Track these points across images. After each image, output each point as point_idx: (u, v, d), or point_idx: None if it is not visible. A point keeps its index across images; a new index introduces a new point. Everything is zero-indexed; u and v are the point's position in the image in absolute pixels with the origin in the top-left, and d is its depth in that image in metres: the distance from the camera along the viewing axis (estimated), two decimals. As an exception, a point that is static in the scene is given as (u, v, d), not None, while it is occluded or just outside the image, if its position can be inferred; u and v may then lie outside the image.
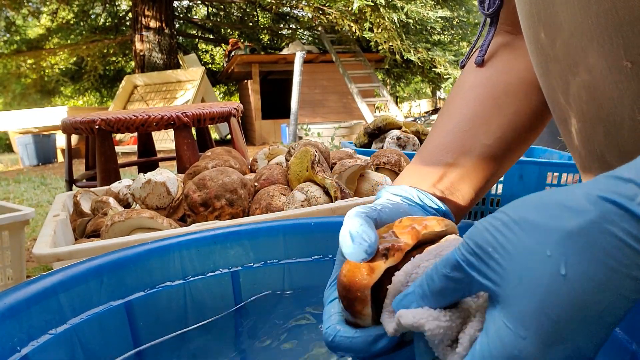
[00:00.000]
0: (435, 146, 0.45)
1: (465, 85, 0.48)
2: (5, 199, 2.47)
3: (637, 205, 0.18)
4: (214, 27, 9.24)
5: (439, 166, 0.43)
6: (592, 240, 0.19)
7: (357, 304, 0.29)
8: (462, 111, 0.45)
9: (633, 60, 0.30)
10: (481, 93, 0.46)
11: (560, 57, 0.35)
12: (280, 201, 0.83)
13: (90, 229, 0.87)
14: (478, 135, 0.44)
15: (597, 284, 0.19)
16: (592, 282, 0.19)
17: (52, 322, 0.38)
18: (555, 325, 0.20)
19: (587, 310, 0.19)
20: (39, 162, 4.83)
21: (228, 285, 0.51)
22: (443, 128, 0.46)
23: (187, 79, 6.03)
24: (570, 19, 0.32)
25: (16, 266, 0.92)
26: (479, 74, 0.47)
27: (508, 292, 0.21)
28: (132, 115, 1.36)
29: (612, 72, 0.31)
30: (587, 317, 0.19)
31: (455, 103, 0.47)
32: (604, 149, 0.36)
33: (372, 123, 1.48)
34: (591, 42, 0.32)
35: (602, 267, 0.19)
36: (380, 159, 1.05)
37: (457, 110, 0.46)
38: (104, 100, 9.81)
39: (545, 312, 0.20)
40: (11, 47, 8.05)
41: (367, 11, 5.21)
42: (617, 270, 0.19)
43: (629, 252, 0.18)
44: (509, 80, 0.46)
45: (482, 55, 0.47)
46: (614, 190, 0.19)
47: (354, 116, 6.40)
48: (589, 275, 0.19)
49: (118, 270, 0.45)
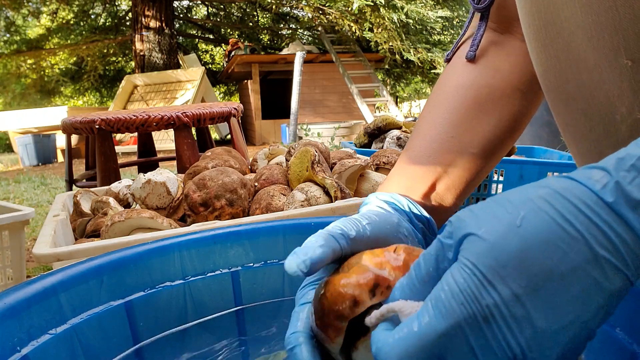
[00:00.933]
0: (423, 150, 0.44)
1: (451, 84, 0.47)
2: (5, 199, 2.47)
3: (599, 185, 0.20)
4: (214, 27, 9.24)
5: (427, 174, 0.43)
6: (551, 203, 0.21)
7: (330, 331, 0.28)
8: (447, 116, 0.45)
9: (633, 58, 0.30)
10: (466, 96, 0.45)
11: (561, 56, 0.35)
12: (280, 201, 0.83)
13: (90, 229, 0.87)
14: (464, 143, 0.44)
15: (544, 239, 0.20)
16: (540, 235, 0.21)
17: (52, 322, 0.38)
18: (500, 269, 0.21)
19: (529, 260, 0.21)
20: (39, 162, 4.83)
21: (228, 285, 0.51)
22: (428, 132, 0.45)
23: (187, 79, 6.03)
24: (571, 17, 0.32)
25: (16, 266, 0.92)
26: (465, 73, 0.47)
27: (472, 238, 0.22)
28: (132, 115, 1.36)
29: (612, 71, 0.31)
30: (530, 266, 0.21)
31: (441, 104, 0.46)
32: (603, 148, 0.36)
33: (372, 123, 1.48)
34: (591, 40, 0.32)
35: (552, 223, 0.20)
36: (380, 159, 1.05)
37: (442, 115, 0.45)
38: (104, 100, 9.81)
39: (493, 255, 0.21)
40: (11, 47, 8.05)
41: (367, 11, 5.21)
42: (567, 230, 0.20)
43: (582, 219, 0.20)
44: (494, 83, 0.45)
45: (474, 50, 0.46)
46: (583, 174, 0.21)
47: (354, 116, 6.40)
48: (539, 229, 0.21)
49: (118, 270, 0.45)
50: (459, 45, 0.50)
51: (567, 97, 0.37)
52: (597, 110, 0.35)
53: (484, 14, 0.46)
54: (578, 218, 0.20)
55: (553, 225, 0.20)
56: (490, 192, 1.20)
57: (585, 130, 0.37)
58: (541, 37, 0.36)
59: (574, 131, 0.40)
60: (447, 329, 0.21)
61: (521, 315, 0.20)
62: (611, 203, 0.20)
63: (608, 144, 0.36)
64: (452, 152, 0.43)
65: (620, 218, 0.20)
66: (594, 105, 0.35)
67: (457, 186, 0.44)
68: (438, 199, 0.43)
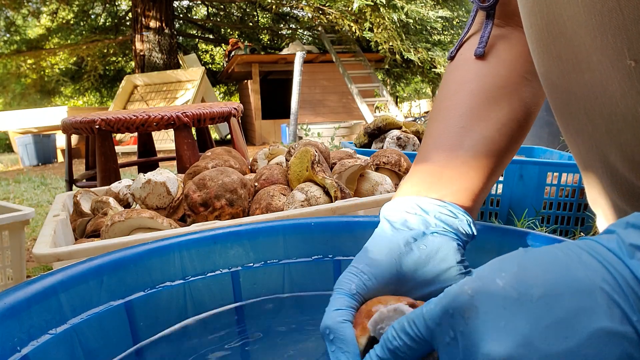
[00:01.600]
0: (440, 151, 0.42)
1: (457, 81, 0.46)
2: (6, 199, 2.47)
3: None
4: (214, 27, 9.24)
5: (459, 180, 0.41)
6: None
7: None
8: (458, 111, 0.44)
9: (637, 59, 0.30)
10: (474, 90, 0.44)
11: (563, 56, 0.35)
12: (280, 201, 0.83)
13: (90, 229, 0.87)
14: (477, 137, 0.42)
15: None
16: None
17: (52, 322, 0.38)
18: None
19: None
20: (39, 162, 4.83)
21: (228, 285, 0.51)
22: (443, 129, 0.44)
23: (187, 79, 6.03)
24: (574, 17, 0.32)
25: (16, 266, 0.92)
26: (470, 68, 0.46)
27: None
28: (132, 115, 1.36)
29: (615, 71, 0.31)
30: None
31: (450, 101, 0.45)
32: (606, 148, 0.36)
33: (372, 123, 1.48)
34: (594, 40, 0.31)
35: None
36: (380, 159, 1.05)
37: (452, 111, 0.44)
38: (104, 100, 9.81)
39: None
40: (11, 47, 8.05)
41: (367, 11, 5.21)
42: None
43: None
44: (500, 73, 0.45)
45: (483, 47, 0.46)
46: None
47: (354, 116, 6.40)
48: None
49: (118, 270, 0.45)
50: (462, 42, 0.49)
51: (569, 97, 0.37)
52: (600, 111, 0.35)
53: (490, 12, 0.45)
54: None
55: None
56: (490, 191, 1.20)
57: (587, 130, 0.37)
58: (543, 37, 0.36)
59: (575, 131, 0.40)
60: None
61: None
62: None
63: (610, 144, 0.36)
64: (466, 147, 0.42)
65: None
66: (596, 105, 0.35)
67: (474, 183, 0.42)
68: (473, 200, 0.41)
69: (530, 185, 1.16)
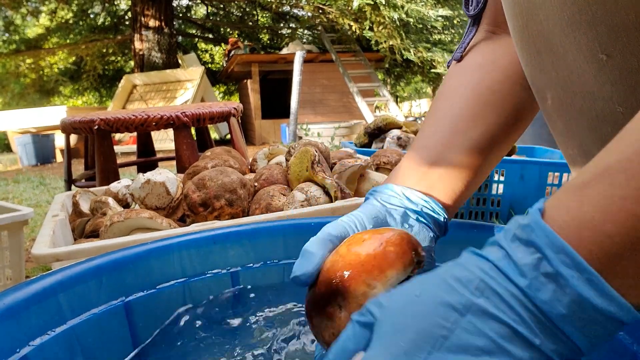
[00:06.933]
0: (428, 147, 0.45)
1: (451, 85, 0.48)
2: (4, 199, 2.47)
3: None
4: (213, 27, 9.24)
5: (432, 171, 0.44)
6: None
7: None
8: (451, 112, 0.46)
9: (608, 53, 0.31)
10: (466, 94, 0.46)
11: (544, 54, 0.37)
12: (280, 201, 0.83)
13: (89, 229, 0.87)
14: (467, 138, 0.44)
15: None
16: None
17: (51, 322, 0.38)
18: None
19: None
20: (37, 162, 4.82)
21: (228, 285, 0.51)
22: (434, 128, 0.46)
23: (186, 78, 6.03)
24: (549, 16, 0.34)
25: (15, 266, 0.91)
26: (463, 74, 0.48)
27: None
28: (132, 115, 1.36)
29: (589, 66, 0.33)
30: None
31: (442, 104, 0.47)
32: (590, 144, 0.37)
33: (372, 123, 1.47)
34: (568, 37, 0.33)
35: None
36: (380, 159, 1.05)
37: (446, 112, 0.46)
38: (103, 100, 9.80)
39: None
40: (10, 46, 8.05)
41: (367, 10, 5.20)
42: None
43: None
44: (494, 77, 0.46)
45: (461, 52, 0.49)
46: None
47: (354, 116, 6.40)
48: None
49: (117, 271, 0.45)
50: (465, 47, 0.51)
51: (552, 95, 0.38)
52: (580, 106, 0.36)
53: (475, 19, 0.48)
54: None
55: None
56: (491, 192, 1.19)
57: (572, 128, 0.38)
58: (525, 37, 0.38)
59: (559, 131, 0.41)
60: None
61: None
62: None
63: (593, 139, 0.36)
64: (455, 147, 0.44)
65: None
66: (576, 101, 0.36)
67: (458, 184, 0.44)
68: (441, 196, 0.43)
69: (531, 185, 1.16)
